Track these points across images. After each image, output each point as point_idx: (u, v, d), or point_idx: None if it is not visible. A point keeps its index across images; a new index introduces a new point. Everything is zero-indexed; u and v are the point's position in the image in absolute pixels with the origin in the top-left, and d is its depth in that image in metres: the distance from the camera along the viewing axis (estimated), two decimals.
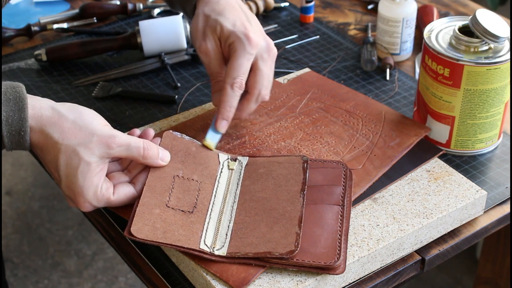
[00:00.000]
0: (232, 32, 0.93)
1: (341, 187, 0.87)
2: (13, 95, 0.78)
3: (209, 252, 0.81)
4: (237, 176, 0.90)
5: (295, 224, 0.82)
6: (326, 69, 1.22)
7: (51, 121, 0.80)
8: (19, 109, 0.78)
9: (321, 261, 0.79)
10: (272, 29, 1.33)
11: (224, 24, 0.93)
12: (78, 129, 0.80)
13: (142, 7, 1.38)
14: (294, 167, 0.89)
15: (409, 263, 0.88)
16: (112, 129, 0.83)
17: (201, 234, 0.83)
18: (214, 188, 0.88)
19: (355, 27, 1.35)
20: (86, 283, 2.04)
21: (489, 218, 0.95)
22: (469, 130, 1.00)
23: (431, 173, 0.94)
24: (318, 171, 0.90)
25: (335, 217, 0.84)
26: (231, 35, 0.93)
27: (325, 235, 0.82)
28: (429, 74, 0.99)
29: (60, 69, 1.23)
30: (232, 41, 0.93)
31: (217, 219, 0.85)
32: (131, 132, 0.91)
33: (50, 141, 0.80)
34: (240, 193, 0.88)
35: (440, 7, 1.40)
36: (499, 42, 0.96)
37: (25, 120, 0.78)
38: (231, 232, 0.83)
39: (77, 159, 0.80)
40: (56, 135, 0.80)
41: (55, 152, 0.80)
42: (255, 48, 0.93)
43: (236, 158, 0.92)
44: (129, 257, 0.90)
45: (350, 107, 1.04)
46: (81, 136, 0.80)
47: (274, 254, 0.79)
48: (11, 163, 2.44)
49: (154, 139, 0.90)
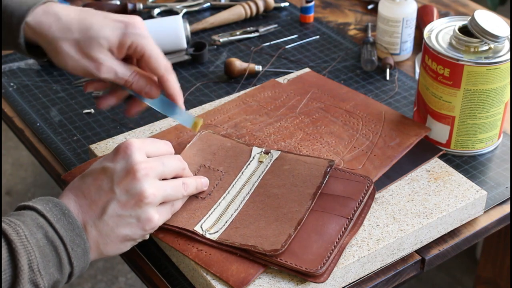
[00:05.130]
0: (123, 35, 0.86)
1: (357, 202, 0.85)
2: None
3: (201, 234, 0.83)
4: (262, 169, 0.91)
5: (293, 225, 0.82)
6: (326, 69, 1.22)
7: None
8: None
9: (303, 266, 0.78)
10: (272, 29, 1.33)
11: (105, 36, 0.86)
12: None
13: (142, 7, 1.38)
14: (317, 170, 0.89)
15: (409, 263, 0.88)
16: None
17: (202, 218, 0.84)
18: (235, 178, 0.89)
19: (355, 27, 1.35)
20: (86, 283, 2.04)
21: (489, 218, 0.95)
22: (469, 130, 1.00)
23: (431, 173, 0.94)
24: (341, 181, 0.88)
25: (337, 228, 0.83)
26: (123, 39, 0.87)
27: (320, 243, 0.81)
28: (429, 74, 0.99)
29: (60, 69, 1.23)
30: (130, 42, 0.87)
31: (225, 207, 0.86)
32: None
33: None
34: (257, 186, 0.89)
35: (440, 7, 1.40)
36: (499, 42, 0.96)
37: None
38: (231, 221, 0.84)
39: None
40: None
41: None
42: (141, 28, 0.88)
43: (269, 151, 0.93)
44: (129, 257, 0.90)
45: (350, 107, 1.04)
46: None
47: (258, 249, 0.80)
48: (11, 163, 2.44)
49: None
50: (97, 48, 0.86)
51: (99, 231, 0.78)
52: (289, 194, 0.87)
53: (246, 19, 1.37)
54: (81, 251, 0.76)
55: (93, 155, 0.98)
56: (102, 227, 0.78)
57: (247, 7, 1.36)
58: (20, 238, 0.72)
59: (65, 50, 0.86)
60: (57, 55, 0.87)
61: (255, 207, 0.86)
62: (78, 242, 0.76)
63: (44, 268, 0.73)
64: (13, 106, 1.14)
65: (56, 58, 0.87)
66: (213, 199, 0.87)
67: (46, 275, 0.73)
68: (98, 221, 0.78)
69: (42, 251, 0.73)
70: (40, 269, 0.72)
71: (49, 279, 0.74)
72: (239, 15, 1.35)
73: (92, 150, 0.98)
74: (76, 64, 0.86)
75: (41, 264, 0.72)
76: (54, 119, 1.11)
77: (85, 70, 0.87)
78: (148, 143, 0.83)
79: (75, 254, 0.75)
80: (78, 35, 0.86)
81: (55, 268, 0.74)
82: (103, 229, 0.78)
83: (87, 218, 0.78)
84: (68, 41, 0.86)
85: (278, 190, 0.87)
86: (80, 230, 0.76)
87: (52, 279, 0.74)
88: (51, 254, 0.74)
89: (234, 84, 1.19)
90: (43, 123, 1.10)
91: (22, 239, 0.72)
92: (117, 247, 0.80)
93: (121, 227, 0.78)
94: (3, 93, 1.17)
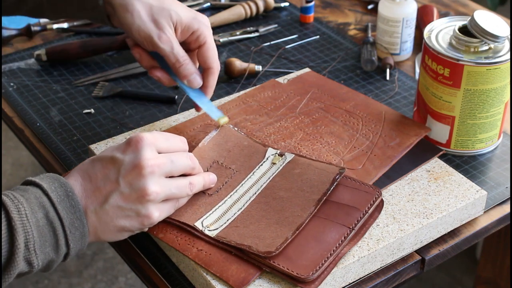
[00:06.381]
0: (193, 19, 0.94)
1: (362, 212, 0.84)
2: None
3: (200, 230, 0.83)
4: (274, 171, 0.91)
5: (292, 229, 0.82)
6: (326, 69, 1.22)
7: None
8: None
9: (295, 271, 0.78)
10: (272, 29, 1.33)
11: (177, 11, 0.93)
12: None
13: None
14: (326, 176, 0.88)
15: (409, 263, 0.88)
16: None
17: (205, 214, 0.85)
18: (246, 178, 0.89)
19: (355, 27, 1.35)
20: (86, 283, 2.04)
21: (489, 218, 0.95)
22: (469, 130, 1.00)
23: (431, 173, 0.94)
24: (349, 190, 0.87)
25: (337, 237, 0.82)
26: (192, 22, 0.94)
27: (316, 250, 0.80)
28: (429, 74, 0.99)
29: (60, 69, 1.23)
30: (197, 28, 0.94)
31: (229, 206, 0.86)
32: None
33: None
34: (265, 187, 0.88)
35: (440, 7, 1.40)
36: (498, 42, 0.96)
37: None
38: (232, 220, 0.84)
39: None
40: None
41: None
42: (208, 22, 0.97)
43: (283, 153, 0.93)
44: (129, 257, 0.90)
45: (350, 107, 1.04)
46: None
47: (253, 250, 0.80)
48: (11, 163, 2.44)
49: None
50: (166, 19, 0.92)
51: (99, 218, 0.79)
52: (294, 198, 0.86)
53: (246, 19, 1.37)
54: (79, 234, 0.78)
55: (93, 155, 0.98)
56: (102, 215, 0.79)
57: (247, 7, 1.36)
58: (20, 216, 0.73)
59: (137, 8, 0.92)
60: (126, 13, 0.92)
61: (258, 208, 0.86)
62: (77, 225, 0.77)
63: (40, 248, 0.75)
64: (13, 106, 1.14)
65: (124, 16, 0.92)
66: (220, 196, 0.87)
67: (41, 254, 0.75)
68: (99, 209, 0.79)
69: (41, 230, 0.75)
70: (36, 249, 0.74)
71: (44, 258, 0.76)
72: (239, 15, 1.35)
73: (92, 150, 0.98)
74: (142, 26, 0.92)
75: (37, 243, 0.74)
76: (54, 119, 1.11)
77: (146, 35, 0.92)
78: (160, 138, 0.83)
79: (73, 237, 0.77)
80: (153, 2, 0.93)
81: (51, 248, 0.76)
82: (103, 217, 0.79)
83: (89, 204, 0.79)
84: (143, 2, 0.92)
85: (284, 193, 0.87)
86: (81, 213, 0.78)
87: (47, 258, 0.76)
88: (49, 234, 0.75)
89: (234, 84, 1.19)
90: (43, 123, 1.10)
91: (22, 218, 0.73)
92: (114, 235, 0.82)
93: (120, 218, 0.80)
94: (3, 93, 1.17)
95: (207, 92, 0.98)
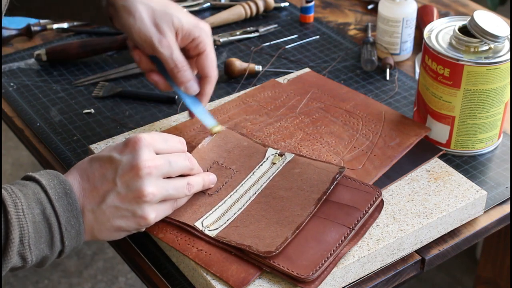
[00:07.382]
0: (194, 26, 0.94)
1: (362, 212, 0.84)
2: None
3: (200, 230, 0.83)
4: (274, 171, 0.91)
5: (292, 229, 0.82)
6: (326, 69, 1.22)
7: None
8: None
9: (294, 270, 0.78)
10: (272, 29, 1.33)
11: (179, 17, 0.94)
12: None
13: None
14: (326, 175, 0.88)
15: (409, 263, 0.88)
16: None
17: (205, 214, 0.85)
18: (246, 178, 0.89)
19: (355, 27, 1.35)
20: (86, 283, 2.04)
21: (489, 218, 0.95)
22: (469, 130, 1.00)
23: (431, 173, 0.94)
24: (350, 190, 0.87)
25: (337, 237, 0.82)
26: (193, 29, 0.94)
27: (316, 250, 0.80)
28: (429, 74, 0.99)
29: (60, 69, 1.23)
30: (197, 35, 0.95)
31: (229, 206, 0.86)
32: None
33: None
34: (265, 187, 0.88)
35: (440, 7, 1.40)
36: (498, 42, 0.96)
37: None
38: (233, 220, 0.84)
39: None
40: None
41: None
42: (209, 30, 0.97)
43: (283, 153, 0.93)
44: (129, 257, 0.90)
45: (350, 107, 1.04)
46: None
47: (253, 249, 0.80)
48: (11, 163, 2.44)
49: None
50: (168, 24, 0.93)
51: (95, 218, 0.79)
52: (294, 198, 0.86)
53: (246, 19, 1.37)
54: (75, 232, 0.78)
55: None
56: (98, 215, 0.79)
57: (247, 7, 1.36)
58: (17, 211, 0.74)
59: (139, 11, 0.92)
60: (129, 15, 0.93)
61: (258, 208, 0.86)
62: (74, 223, 0.78)
63: (35, 244, 0.75)
64: (13, 106, 1.14)
65: (126, 18, 0.93)
66: (220, 196, 0.87)
67: (36, 250, 0.75)
68: (96, 208, 0.79)
69: (37, 226, 0.75)
70: (31, 244, 0.74)
71: (38, 254, 0.76)
72: (239, 15, 1.35)
73: (92, 150, 0.98)
74: (143, 29, 0.92)
75: (32, 239, 0.74)
76: (54, 119, 1.11)
77: (147, 38, 0.93)
78: (158, 139, 0.83)
79: (68, 235, 0.77)
80: (156, 6, 0.93)
81: (46, 244, 0.76)
82: (99, 217, 0.80)
83: (86, 203, 0.79)
84: (146, 5, 0.93)
85: (284, 192, 0.87)
86: (78, 212, 0.78)
87: (41, 254, 0.76)
88: (44, 230, 0.76)
89: (234, 84, 1.19)
90: (43, 123, 1.10)
91: (18, 213, 0.74)
92: (111, 235, 0.82)
93: (116, 218, 0.80)
94: (3, 93, 1.17)
95: (203, 100, 0.98)
